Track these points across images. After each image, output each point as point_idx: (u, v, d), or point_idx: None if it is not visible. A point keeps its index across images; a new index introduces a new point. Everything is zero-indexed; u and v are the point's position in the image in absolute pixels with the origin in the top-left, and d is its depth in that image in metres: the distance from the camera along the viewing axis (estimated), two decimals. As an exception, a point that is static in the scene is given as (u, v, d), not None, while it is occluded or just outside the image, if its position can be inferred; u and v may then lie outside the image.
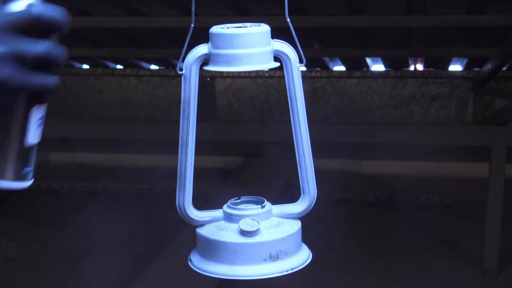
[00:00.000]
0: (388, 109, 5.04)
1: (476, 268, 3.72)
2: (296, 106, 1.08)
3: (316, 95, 5.10)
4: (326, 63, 5.08)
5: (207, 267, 1.07)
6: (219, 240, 1.06)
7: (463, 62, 4.95)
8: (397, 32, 4.03)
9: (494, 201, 3.62)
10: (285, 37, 1.10)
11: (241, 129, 4.24)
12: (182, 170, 1.08)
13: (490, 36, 3.97)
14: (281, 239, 1.06)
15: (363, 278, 3.70)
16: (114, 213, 4.58)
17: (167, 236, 3.83)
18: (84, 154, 5.52)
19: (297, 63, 1.06)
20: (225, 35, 1.02)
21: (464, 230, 4.22)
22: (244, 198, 1.13)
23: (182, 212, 1.10)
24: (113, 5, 3.69)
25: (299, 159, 1.10)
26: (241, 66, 1.03)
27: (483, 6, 3.38)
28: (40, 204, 4.90)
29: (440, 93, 4.96)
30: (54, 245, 4.16)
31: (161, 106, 5.31)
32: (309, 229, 1.17)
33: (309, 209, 1.12)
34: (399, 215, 4.51)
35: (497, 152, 3.59)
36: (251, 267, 1.05)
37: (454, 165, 4.99)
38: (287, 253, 1.07)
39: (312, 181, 1.11)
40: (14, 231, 4.37)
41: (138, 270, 3.56)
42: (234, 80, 5.21)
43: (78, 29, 4.24)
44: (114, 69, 5.40)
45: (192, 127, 1.07)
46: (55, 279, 3.68)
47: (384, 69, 5.21)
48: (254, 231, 1.05)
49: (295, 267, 1.07)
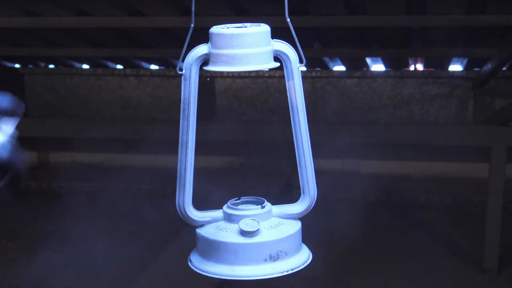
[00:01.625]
0: (388, 109, 5.04)
1: (476, 268, 3.72)
2: (296, 106, 1.08)
3: (316, 95, 5.10)
4: (326, 63, 5.08)
5: (207, 267, 1.07)
6: (219, 240, 1.06)
7: (463, 62, 4.95)
8: (397, 32, 4.03)
9: (494, 201, 3.62)
10: (285, 37, 1.10)
11: (241, 129, 4.24)
12: (182, 170, 1.08)
13: (490, 36, 3.97)
14: (281, 240, 1.06)
15: (363, 278, 3.70)
16: (114, 213, 4.58)
17: (167, 236, 3.83)
18: (84, 154, 5.52)
19: (297, 63, 1.06)
20: (225, 35, 1.02)
21: (464, 230, 4.22)
22: (244, 198, 1.13)
23: (182, 212, 1.10)
24: (113, 5, 3.69)
25: (299, 159, 1.10)
26: (241, 66, 1.03)
27: (483, 6, 3.38)
28: (40, 204, 4.90)
29: (440, 93, 4.96)
30: (54, 245, 4.16)
31: (161, 106, 5.31)
32: (309, 229, 1.17)
33: (309, 209, 1.12)
34: (399, 215, 4.50)
35: (497, 152, 3.59)
36: (251, 267, 1.05)
37: (454, 165, 4.98)
38: (287, 253, 1.07)
39: (312, 182, 1.11)
40: (14, 231, 4.37)
41: (138, 270, 3.56)
42: (234, 80, 5.20)
43: (78, 29, 4.25)
44: (114, 69, 5.40)
45: (192, 127, 1.07)
46: (55, 279, 3.68)
47: (384, 69, 5.20)
48: (254, 232, 1.04)
49: (295, 267, 1.07)
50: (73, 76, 5.43)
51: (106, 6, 3.71)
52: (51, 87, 5.45)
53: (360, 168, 5.12)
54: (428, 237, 4.15)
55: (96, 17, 3.90)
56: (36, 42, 4.71)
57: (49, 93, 5.46)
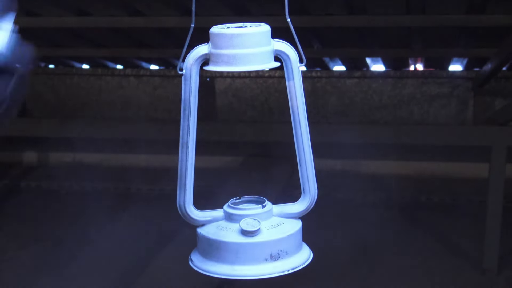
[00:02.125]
0: (388, 109, 5.04)
1: (476, 268, 3.72)
2: (296, 106, 1.08)
3: (316, 95, 5.10)
4: (326, 63, 5.08)
5: (208, 267, 1.07)
6: (220, 240, 1.06)
7: (463, 62, 4.95)
8: (397, 32, 4.03)
9: (494, 201, 3.62)
10: (285, 37, 1.10)
11: (241, 129, 4.24)
12: (182, 170, 1.08)
13: (490, 36, 3.97)
14: (282, 239, 1.06)
15: (363, 278, 3.70)
16: (114, 213, 4.58)
17: (167, 236, 3.83)
18: (84, 154, 5.52)
19: (297, 63, 1.06)
20: (225, 35, 1.02)
21: (464, 230, 4.22)
22: (244, 197, 1.13)
23: (183, 212, 1.11)
24: (113, 5, 3.69)
25: (299, 159, 1.10)
26: (241, 66, 1.03)
27: (483, 6, 3.38)
28: (40, 204, 4.90)
29: (440, 93, 4.96)
30: (54, 245, 4.16)
31: (161, 106, 5.31)
32: (309, 229, 1.17)
33: (309, 208, 1.12)
34: (400, 215, 4.50)
35: (497, 152, 3.59)
36: (252, 267, 1.05)
37: (454, 165, 4.98)
38: (288, 252, 1.07)
39: (313, 181, 1.11)
40: (14, 231, 4.37)
41: (138, 270, 3.56)
42: (234, 80, 5.21)
43: (78, 29, 4.25)
44: (114, 69, 5.40)
45: (193, 127, 1.07)
46: (55, 278, 3.68)
47: (384, 69, 5.20)
48: (255, 231, 1.05)
49: (296, 266, 1.07)
50: (73, 76, 5.43)
51: (106, 6, 3.71)
52: (51, 87, 5.45)
53: (360, 168, 5.13)
54: (428, 237, 4.15)
55: (96, 17, 3.91)
56: (36, 42, 4.70)
57: (49, 93, 5.46)
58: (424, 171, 5.04)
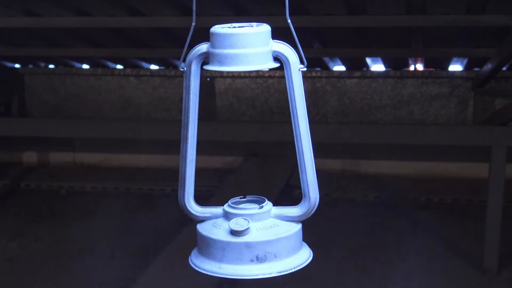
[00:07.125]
0: (388, 109, 5.04)
1: (476, 268, 3.72)
2: (296, 108, 1.06)
3: (316, 95, 5.10)
4: (326, 63, 5.08)
5: (200, 263, 1.08)
6: (209, 237, 1.07)
7: (463, 62, 4.94)
8: (397, 32, 4.03)
9: (494, 201, 3.62)
10: (285, 37, 1.10)
11: (241, 129, 4.23)
12: (182, 164, 1.09)
13: (490, 36, 3.97)
14: (269, 241, 1.05)
15: (363, 278, 3.70)
16: (114, 212, 4.58)
17: (167, 235, 3.83)
18: (84, 154, 5.52)
19: (297, 65, 1.05)
20: (225, 35, 1.02)
21: (464, 230, 4.22)
22: (249, 197, 1.13)
23: (183, 206, 1.11)
24: (113, 5, 3.69)
25: (299, 162, 1.08)
26: (241, 66, 1.02)
27: (483, 6, 3.38)
28: (40, 204, 4.90)
29: (440, 93, 4.96)
30: (54, 245, 4.16)
31: (161, 106, 5.31)
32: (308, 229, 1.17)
33: (310, 213, 1.10)
34: (399, 215, 4.50)
35: (497, 152, 3.59)
36: (237, 267, 1.05)
37: (454, 165, 4.99)
38: (276, 255, 1.05)
39: (313, 185, 1.09)
40: (14, 231, 4.37)
41: (138, 270, 3.55)
42: (234, 80, 5.21)
43: (78, 29, 4.24)
44: (114, 69, 5.40)
45: (193, 124, 1.07)
46: (54, 278, 3.68)
47: (384, 69, 5.20)
48: (243, 231, 1.04)
49: (284, 270, 1.06)
50: (73, 76, 5.43)
51: (106, 6, 3.71)
52: (51, 87, 5.45)
53: (360, 168, 5.13)
54: (428, 237, 4.15)
55: (96, 17, 3.90)
56: (36, 42, 4.71)
57: (49, 93, 5.46)
58: (424, 171, 5.04)
